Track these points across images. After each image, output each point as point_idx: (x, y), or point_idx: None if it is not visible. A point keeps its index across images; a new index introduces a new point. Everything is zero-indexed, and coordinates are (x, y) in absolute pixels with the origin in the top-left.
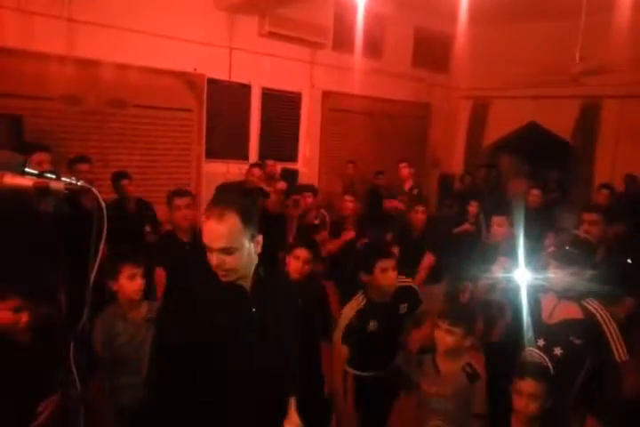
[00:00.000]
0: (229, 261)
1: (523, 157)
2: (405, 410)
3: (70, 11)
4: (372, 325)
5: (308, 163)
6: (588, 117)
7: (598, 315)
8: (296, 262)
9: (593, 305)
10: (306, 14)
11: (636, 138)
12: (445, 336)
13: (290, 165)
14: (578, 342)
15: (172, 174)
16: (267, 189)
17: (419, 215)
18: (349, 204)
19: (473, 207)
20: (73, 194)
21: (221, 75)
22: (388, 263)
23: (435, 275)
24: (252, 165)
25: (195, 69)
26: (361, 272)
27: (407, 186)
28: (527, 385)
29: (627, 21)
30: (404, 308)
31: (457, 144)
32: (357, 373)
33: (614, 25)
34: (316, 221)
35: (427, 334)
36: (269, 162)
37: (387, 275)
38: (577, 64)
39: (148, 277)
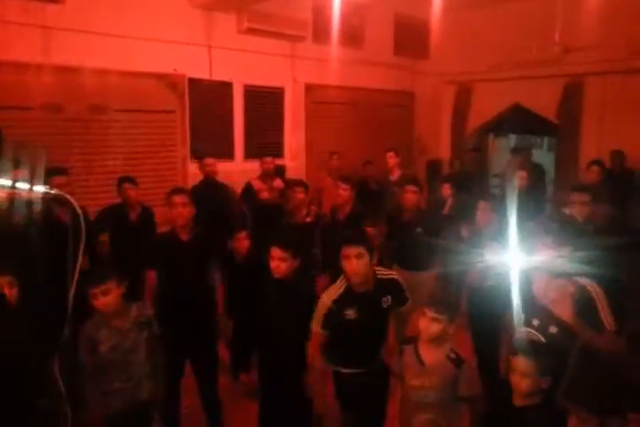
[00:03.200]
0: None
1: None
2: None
3: (44, 18)
4: (351, 313)
5: (294, 157)
6: (572, 96)
7: (589, 288)
8: (271, 262)
9: (584, 281)
10: (283, 8)
11: (619, 114)
12: (431, 325)
13: (277, 161)
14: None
15: (159, 177)
16: (258, 186)
17: (409, 195)
18: (344, 192)
19: (446, 190)
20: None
21: (202, 74)
22: (351, 251)
23: (424, 261)
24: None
25: (175, 70)
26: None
27: (394, 176)
28: (519, 362)
29: None
30: (387, 301)
31: (442, 130)
32: (339, 369)
33: (591, 2)
34: (309, 219)
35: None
36: (267, 159)
37: (349, 262)
38: (557, 43)
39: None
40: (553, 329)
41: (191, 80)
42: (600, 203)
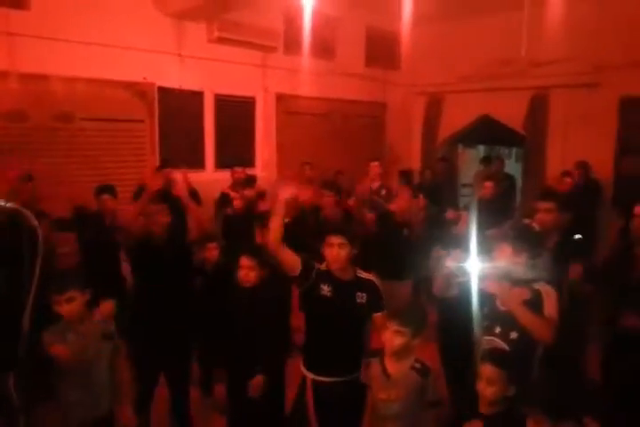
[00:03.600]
0: None
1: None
2: None
3: (9, 25)
4: (326, 289)
5: (266, 167)
6: (538, 108)
7: (542, 289)
8: (240, 271)
9: (540, 285)
10: (255, 18)
11: (583, 126)
12: (394, 338)
13: (248, 171)
14: None
15: (127, 187)
16: (232, 195)
17: (401, 200)
18: (329, 198)
19: (420, 200)
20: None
21: (172, 83)
22: (334, 239)
23: (400, 271)
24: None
25: (144, 79)
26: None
27: (375, 185)
28: (486, 370)
29: (567, 13)
30: (361, 296)
31: (414, 140)
32: (317, 378)
33: (556, 17)
34: (286, 220)
35: None
36: (237, 169)
37: (331, 249)
38: (523, 57)
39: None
40: (514, 335)
41: (161, 89)
42: (567, 212)
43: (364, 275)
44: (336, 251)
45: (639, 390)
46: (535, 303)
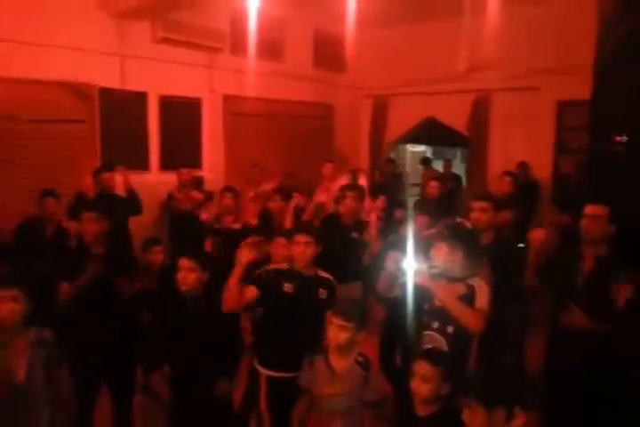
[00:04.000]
0: None
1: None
2: None
3: None
4: (289, 286)
5: (213, 169)
6: (480, 110)
7: (476, 284)
8: (179, 273)
9: (474, 281)
10: (200, 19)
11: (523, 128)
12: (339, 333)
13: (195, 172)
14: None
15: (70, 189)
16: (177, 195)
17: (348, 201)
18: (275, 204)
19: (379, 203)
20: None
21: (114, 83)
22: (301, 238)
23: (348, 273)
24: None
25: (84, 79)
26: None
27: (335, 186)
28: (420, 367)
29: (505, 19)
30: (324, 293)
31: (361, 142)
32: (271, 373)
33: (494, 23)
34: (236, 226)
35: None
36: (183, 170)
37: (298, 247)
38: (463, 61)
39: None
40: (450, 329)
41: (102, 90)
42: (505, 211)
43: (323, 274)
44: (302, 249)
45: (575, 382)
46: (469, 297)
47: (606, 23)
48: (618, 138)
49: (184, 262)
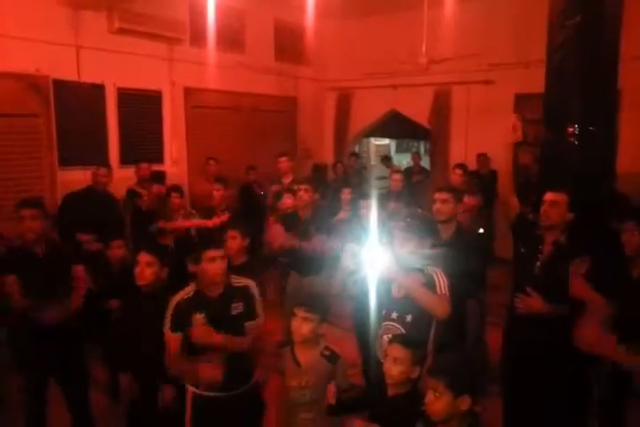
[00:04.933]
0: None
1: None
2: None
3: None
4: (199, 318)
5: (175, 163)
6: (441, 103)
7: (433, 273)
8: (136, 267)
9: (432, 270)
10: (158, 9)
11: (482, 120)
12: (302, 325)
13: (157, 167)
14: None
15: (22, 186)
16: (139, 191)
17: (302, 193)
18: (217, 192)
19: (346, 195)
20: None
21: (69, 75)
22: (215, 253)
23: (314, 267)
24: (98, 166)
25: (37, 70)
26: (189, 262)
27: (286, 180)
28: (393, 349)
29: (462, 13)
30: (237, 307)
31: (325, 135)
32: (201, 393)
33: (452, 17)
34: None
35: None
36: (143, 165)
37: (213, 264)
38: (423, 54)
39: None
40: (409, 318)
41: (57, 82)
42: (468, 197)
43: (238, 281)
44: (218, 264)
45: (532, 368)
46: (429, 285)
47: (556, 16)
48: (570, 129)
49: (143, 257)
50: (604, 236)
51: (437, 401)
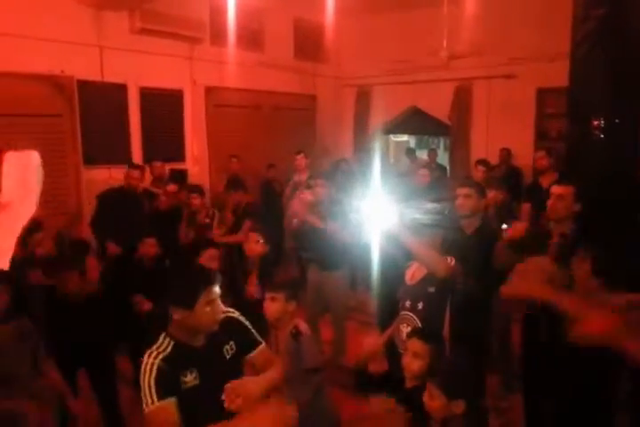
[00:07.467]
0: None
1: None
2: None
3: None
4: (191, 377)
5: (197, 162)
6: (462, 99)
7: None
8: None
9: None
10: (179, 9)
11: (504, 115)
12: (270, 305)
13: (178, 166)
14: (431, 289)
15: (47, 185)
16: (155, 190)
17: (318, 189)
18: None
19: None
20: None
21: (93, 75)
22: (215, 294)
23: (329, 262)
24: (130, 167)
25: (62, 71)
26: (173, 308)
27: (303, 176)
28: (413, 344)
29: (483, 8)
30: (231, 348)
31: (345, 131)
32: None
33: (473, 12)
34: (207, 220)
35: None
36: (156, 163)
37: (214, 305)
38: (444, 49)
39: None
40: (420, 306)
41: (81, 82)
42: (492, 192)
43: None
44: (217, 307)
45: (549, 362)
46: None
47: (580, 7)
48: (595, 122)
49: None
50: (631, 229)
51: (432, 403)
